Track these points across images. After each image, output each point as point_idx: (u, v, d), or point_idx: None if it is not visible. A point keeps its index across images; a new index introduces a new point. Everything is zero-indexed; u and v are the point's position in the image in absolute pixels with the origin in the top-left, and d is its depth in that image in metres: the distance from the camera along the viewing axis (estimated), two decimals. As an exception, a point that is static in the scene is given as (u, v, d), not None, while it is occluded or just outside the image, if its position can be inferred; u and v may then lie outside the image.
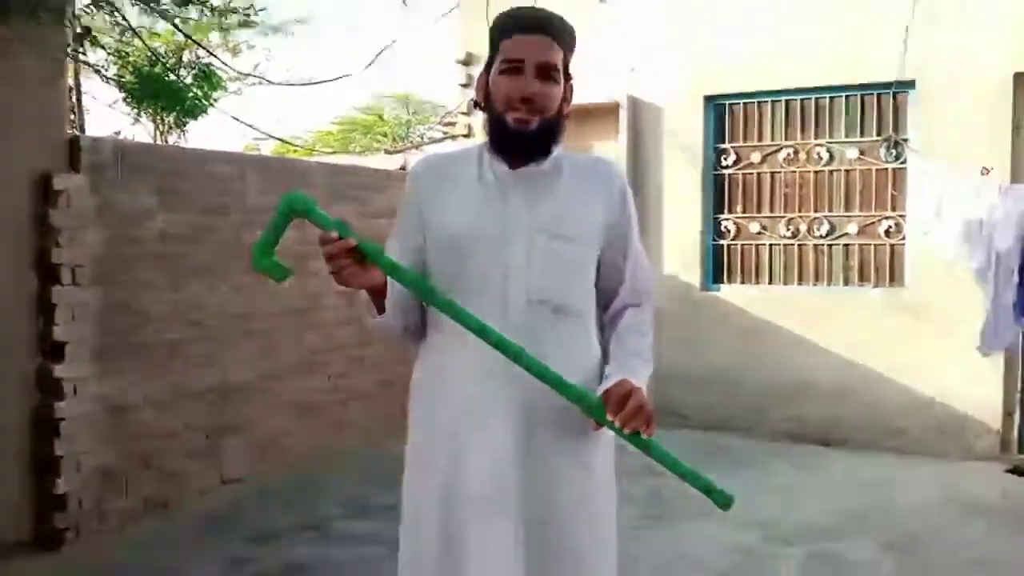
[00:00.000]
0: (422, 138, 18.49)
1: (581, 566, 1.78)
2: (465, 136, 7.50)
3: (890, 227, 5.78)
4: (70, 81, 5.74)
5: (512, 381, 1.71)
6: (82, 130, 7.31)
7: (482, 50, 6.84)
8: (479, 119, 7.40)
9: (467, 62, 7.29)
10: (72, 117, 6.76)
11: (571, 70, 1.82)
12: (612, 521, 1.87)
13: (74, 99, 7.12)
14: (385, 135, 20.11)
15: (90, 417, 4.03)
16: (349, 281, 1.60)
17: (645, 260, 1.95)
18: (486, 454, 1.73)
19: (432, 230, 1.81)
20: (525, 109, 1.73)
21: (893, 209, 5.78)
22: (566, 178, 1.82)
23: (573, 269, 1.80)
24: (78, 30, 4.61)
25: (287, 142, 10.63)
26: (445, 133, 9.52)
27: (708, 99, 6.28)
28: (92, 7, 4.91)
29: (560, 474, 1.76)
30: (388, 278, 1.67)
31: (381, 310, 1.75)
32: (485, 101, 1.80)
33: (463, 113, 7.49)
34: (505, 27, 1.78)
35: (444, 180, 1.83)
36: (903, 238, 5.74)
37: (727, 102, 6.27)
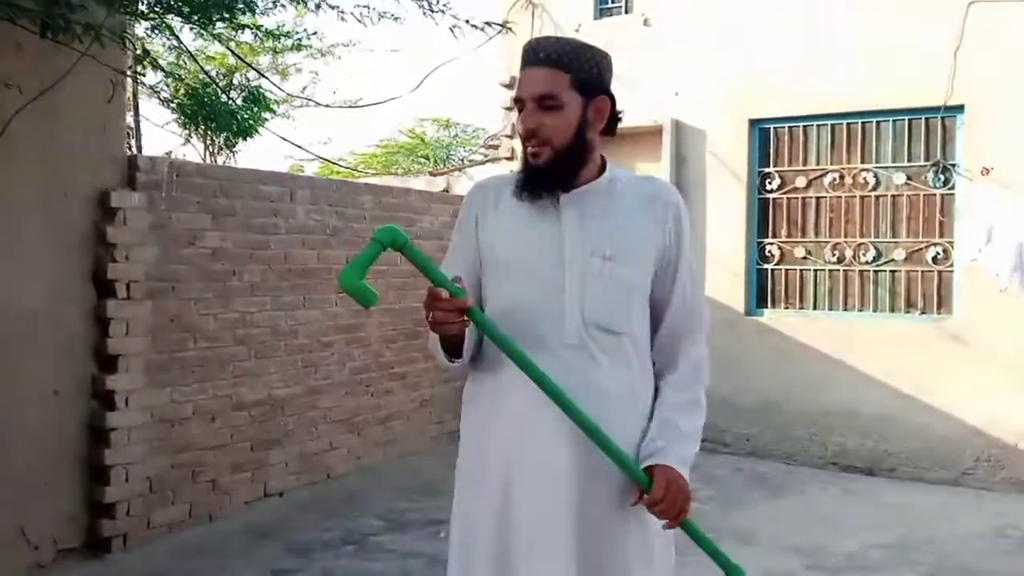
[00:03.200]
0: (463, 161, 18.65)
1: None
2: (508, 159, 7.56)
3: (938, 254, 5.70)
4: (128, 101, 5.93)
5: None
6: (139, 149, 7.52)
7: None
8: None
9: (511, 85, 7.38)
10: (129, 136, 6.96)
11: (596, 86, 1.76)
12: (669, 550, 1.85)
13: (132, 119, 7.34)
14: (427, 158, 20.31)
15: (140, 428, 4.13)
16: (446, 332, 1.65)
17: (699, 284, 1.93)
18: (540, 475, 1.72)
19: (488, 251, 1.82)
20: (533, 143, 1.74)
21: (941, 235, 5.70)
22: (620, 199, 1.81)
23: (627, 291, 1.79)
24: (137, 52, 4.78)
25: (332, 162, 10.80)
26: (486, 156, 9.60)
27: (753, 122, 6.27)
28: (151, 31, 5.08)
29: (616, 497, 1.74)
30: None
31: (453, 352, 1.77)
32: None
33: (507, 136, 7.57)
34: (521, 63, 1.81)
35: (500, 202, 1.84)
36: (951, 265, 5.65)
37: (772, 126, 6.26)
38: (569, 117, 1.74)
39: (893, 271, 5.87)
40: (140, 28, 4.89)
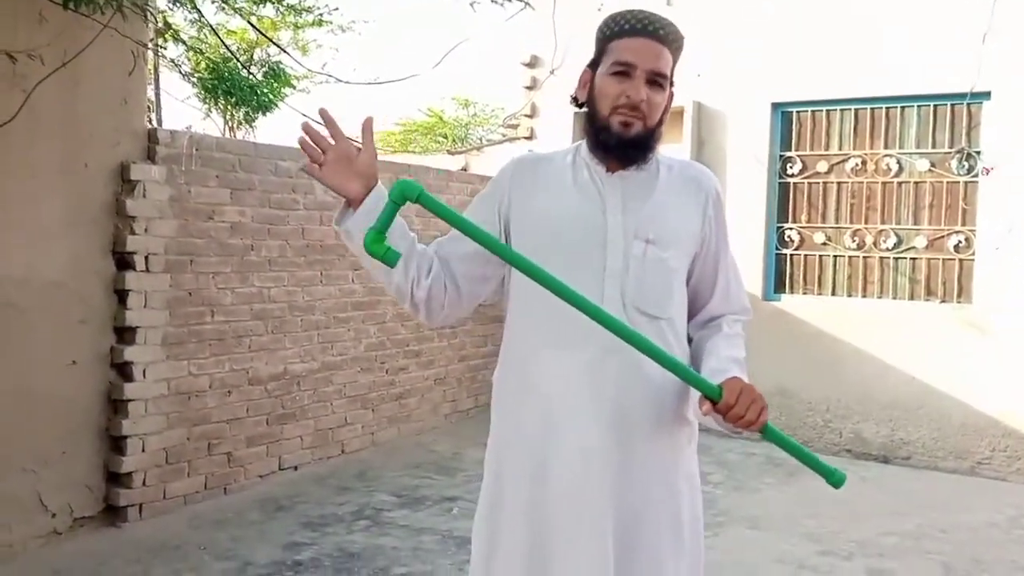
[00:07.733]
0: (481, 140, 18.58)
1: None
2: (527, 139, 7.51)
3: (959, 242, 5.63)
4: (149, 74, 5.93)
5: (601, 383, 1.68)
6: (159, 123, 7.55)
7: (547, 53, 6.76)
8: (541, 122, 7.40)
9: (532, 64, 7.32)
10: (149, 110, 6.98)
11: (674, 77, 1.79)
12: (698, 540, 1.82)
13: (152, 92, 7.36)
14: (445, 136, 20.27)
15: (157, 399, 4.17)
16: (324, 176, 1.74)
17: (738, 271, 1.90)
18: (576, 455, 1.68)
19: (525, 230, 1.77)
20: (632, 114, 1.70)
21: (963, 223, 5.64)
22: (662, 183, 1.79)
23: (668, 276, 1.76)
24: (159, 25, 4.78)
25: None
26: (504, 136, 9.55)
27: (775, 106, 6.20)
28: (173, 3, 5.08)
29: (652, 482, 1.72)
30: (365, 204, 1.78)
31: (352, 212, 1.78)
32: (588, 99, 1.77)
33: (526, 115, 7.52)
34: (618, 27, 1.74)
35: (537, 180, 1.80)
36: (972, 253, 5.58)
37: (795, 109, 6.19)
38: (663, 101, 1.75)
39: (913, 258, 5.81)
40: (162, 1, 4.89)
